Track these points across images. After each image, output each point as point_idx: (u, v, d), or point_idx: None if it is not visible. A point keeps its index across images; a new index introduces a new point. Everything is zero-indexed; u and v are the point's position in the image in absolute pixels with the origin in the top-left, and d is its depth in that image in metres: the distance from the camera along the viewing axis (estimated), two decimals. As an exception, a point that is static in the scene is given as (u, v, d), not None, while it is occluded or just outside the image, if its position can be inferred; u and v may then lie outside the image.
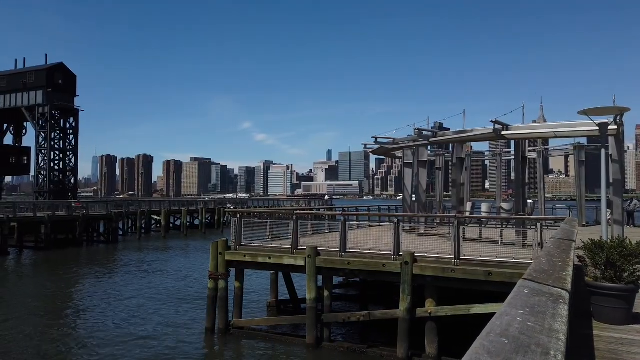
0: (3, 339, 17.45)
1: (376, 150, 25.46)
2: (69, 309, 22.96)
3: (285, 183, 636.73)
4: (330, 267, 15.97)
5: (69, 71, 67.92)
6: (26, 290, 28.45)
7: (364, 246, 16.43)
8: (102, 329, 18.71)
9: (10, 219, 44.57)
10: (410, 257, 14.28)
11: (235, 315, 18.05)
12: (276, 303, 21.79)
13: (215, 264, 18.04)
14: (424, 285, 14.56)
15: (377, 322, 16.35)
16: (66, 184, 66.94)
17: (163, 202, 72.93)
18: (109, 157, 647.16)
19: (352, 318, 16.16)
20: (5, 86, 66.92)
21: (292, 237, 17.21)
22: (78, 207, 53.16)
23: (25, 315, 21.32)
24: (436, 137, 20.91)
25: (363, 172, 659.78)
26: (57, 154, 65.44)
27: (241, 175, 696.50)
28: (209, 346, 17.02)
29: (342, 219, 16.55)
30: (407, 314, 14.29)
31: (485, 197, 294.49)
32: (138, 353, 15.97)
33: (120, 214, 57.64)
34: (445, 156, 28.44)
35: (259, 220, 21.52)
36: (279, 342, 16.80)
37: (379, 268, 14.99)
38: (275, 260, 17.11)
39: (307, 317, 16.09)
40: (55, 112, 64.35)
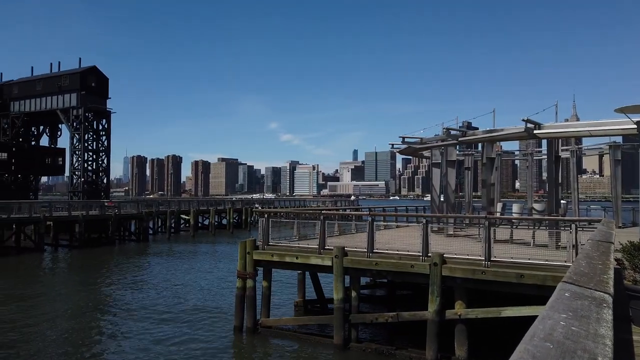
0: (41, 334, 18.05)
1: (404, 150, 25.24)
2: (102, 305, 23.57)
3: (311, 183, 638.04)
4: (358, 267, 15.90)
5: (102, 74, 69.76)
6: (61, 287, 29.38)
7: (391, 247, 16.29)
8: (132, 326, 19.14)
9: (46, 218, 46.15)
10: (439, 258, 14.09)
11: (263, 314, 18.19)
12: (303, 303, 21.84)
13: (243, 263, 18.22)
14: (453, 287, 14.35)
15: (405, 323, 16.19)
16: (99, 184, 68.76)
17: (192, 202, 74.17)
18: (139, 158, 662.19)
19: (380, 319, 16.06)
20: (41, 89, 69.23)
21: (319, 237, 17.22)
22: (110, 207, 54.57)
23: (61, 311, 22.01)
24: (465, 136, 20.58)
25: (389, 172, 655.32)
26: (91, 155, 67.27)
27: (267, 176, 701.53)
28: (238, 344, 17.20)
29: (369, 219, 16.45)
30: (436, 315, 14.10)
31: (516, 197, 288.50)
32: (167, 350, 16.27)
33: (150, 214, 58.88)
34: (475, 156, 27.97)
35: (286, 220, 21.60)
36: (307, 342, 16.84)
37: (407, 269, 14.84)
38: (302, 260, 17.15)
39: (335, 317, 16.07)
40: (89, 114, 66.18)
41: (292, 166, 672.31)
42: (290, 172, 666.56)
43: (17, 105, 71.78)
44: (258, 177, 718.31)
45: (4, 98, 72.66)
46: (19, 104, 71.59)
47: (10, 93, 72.43)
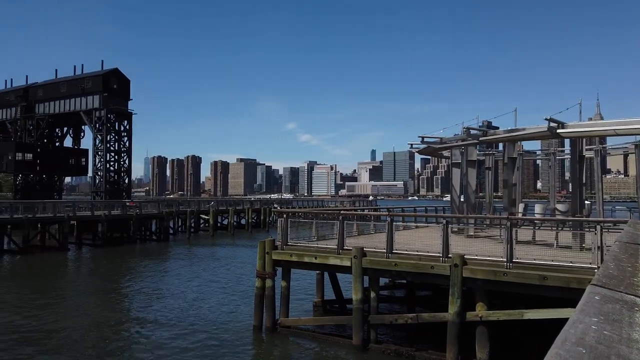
0: (65, 330, 18.43)
1: (423, 150, 25.03)
2: (124, 303, 23.97)
3: (329, 183, 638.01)
4: (377, 268, 15.83)
5: (123, 76, 71.01)
6: (85, 284, 29.96)
7: (411, 247, 16.18)
8: (152, 324, 19.41)
9: (70, 218, 47.14)
10: (459, 260, 13.92)
11: (282, 313, 18.24)
12: (322, 303, 21.83)
13: (262, 263, 18.30)
14: (474, 288, 14.16)
15: (425, 324, 16.06)
16: (121, 184, 70.01)
17: (211, 202, 74.85)
18: (160, 158, 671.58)
19: (400, 320, 15.95)
20: (65, 92, 70.84)
21: (338, 238, 17.19)
22: (132, 207, 55.47)
23: (84, 307, 22.44)
24: (486, 136, 20.30)
25: (408, 172, 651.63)
26: (113, 156, 68.55)
27: (285, 176, 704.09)
28: (257, 344, 17.29)
29: (388, 220, 16.35)
30: (456, 317, 13.94)
31: (537, 197, 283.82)
32: (187, 348, 16.44)
33: (171, 213, 59.64)
34: (495, 155, 27.59)
35: (305, 220, 21.64)
36: (325, 342, 16.83)
37: (427, 270, 14.72)
38: (321, 260, 17.15)
39: (354, 318, 16.02)
40: (111, 116, 67.45)
41: (310, 166, 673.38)
42: (308, 172, 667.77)
43: (41, 107, 73.55)
44: (276, 177, 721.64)
45: (29, 100, 74.53)
46: (43, 106, 73.35)
47: (35, 95, 74.26)
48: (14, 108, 76.16)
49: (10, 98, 76.75)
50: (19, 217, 43.23)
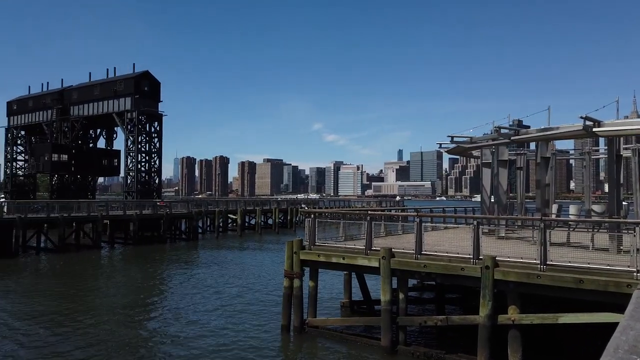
0: (98, 327, 18.94)
1: (452, 150, 24.65)
2: (153, 301, 24.45)
3: (356, 183, 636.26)
4: (406, 269, 15.66)
5: (154, 78, 72.53)
6: (117, 282, 30.75)
7: (440, 248, 15.95)
8: (181, 322, 19.72)
9: (103, 217, 48.48)
10: (491, 261, 13.64)
11: (310, 314, 18.27)
12: (350, 303, 21.78)
13: (290, 262, 18.37)
14: (506, 291, 13.84)
15: (455, 327, 15.82)
16: (151, 184, 71.52)
17: (238, 202, 75.73)
18: (188, 159, 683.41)
19: (429, 322, 15.75)
20: (98, 94, 72.85)
21: (366, 238, 17.09)
22: (162, 206, 56.60)
23: (116, 304, 23.02)
24: (518, 135, 19.83)
25: (435, 172, 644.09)
26: (144, 156, 70.08)
27: (312, 176, 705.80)
28: (285, 344, 17.37)
29: (417, 220, 16.16)
30: (488, 320, 13.66)
31: (570, 198, 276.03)
32: (216, 346, 16.65)
33: (199, 213, 60.59)
34: (527, 155, 26.94)
35: (332, 220, 21.62)
36: (354, 343, 16.78)
37: (457, 272, 14.47)
38: (349, 260, 17.08)
39: (382, 319, 15.90)
40: (142, 117, 68.99)
41: (337, 166, 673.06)
42: (334, 173, 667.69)
43: (76, 110, 75.85)
44: (302, 178, 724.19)
45: (64, 103, 76.98)
46: (78, 108, 75.62)
47: (70, 98, 76.63)
48: (50, 110, 78.77)
49: (46, 101, 79.43)
50: (55, 216, 44.70)
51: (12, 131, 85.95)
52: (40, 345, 16.55)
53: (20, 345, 16.69)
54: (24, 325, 19.17)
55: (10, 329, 18.69)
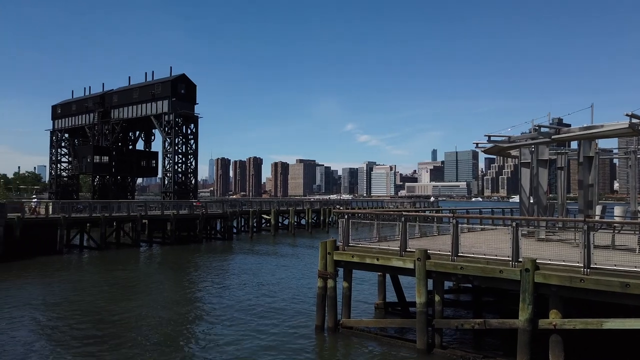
0: (138, 324, 19.49)
1: (489, 150, 24.09)
2: (189, 301, 24.95)
3: (389, 184, 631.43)
4: (442, 271, 15.41)
5: (190, 81, 74.08)
6: (156, 281, 31.56)
7: (477, 250, 15.63)
8: (215, 322, 20.03)
9: (142, 217, 49.89)
10: (531, 264, 13.25)
11: (344, 314, 18.23)
12: (384, 305, 21.62)
13: (324, 263, 18.39)
14: (547, 294, 13.42)
15: (493, 330, 15.45)
16: (188, 184, 73.02)
17: (272, 203, 76.42)
18: (223, 160, 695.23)
19: (466, 325, 15.43)
20: (137, 97, 75.02)
21: (400, 239, 16.91)
22: (198, 207, 57.71)
23: (154, 303, 23.64)
24: (559, 134, 19.20)
25: (471, 173, 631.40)
26: (180, 158, 71.64)
27: (344, 176, 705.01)
28: (319, 344, 17.38)
29: (453, 221, 15.87)
30: (528, 324, 13.27)
31: (614, 199, 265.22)
32: (250, 345, 16.83)
33: (234, 213, 61.50)
34: (569, 154, 26.04)
35: (366, 221, 21.49)
36: (388, 345, 16.63)
37: (495, 274, 14.13)
38: (383, 261, 16.95)
39: (418, 321, 15.70)
40: (179, 119, 70.55)
41: (369, 167, 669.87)
42: (367, 173, 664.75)
43: (116, 113, 78.35)
44: (335, 178, 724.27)
45: (105, 106, 79.66)
46: (118, 111, 78.10)
47: (111, 101, 79.24)
48: (92, 114, 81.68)
49: (88, 104, 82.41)
50: (96, 216, 46.35)
51: (57, 134, 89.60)
52: (83, 340, 17.17)
53: (62, 340, 17.36)
54: (67, 321, 19.93)
55: (54, 325, 19.48)
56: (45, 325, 19.35)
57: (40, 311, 21.67)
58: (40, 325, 19.41)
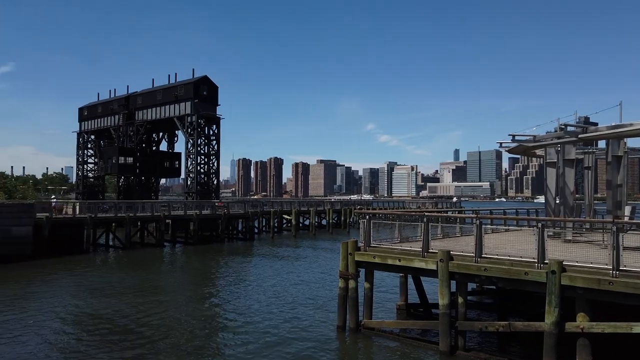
0: (163, 321, 19.80)
1: (514, 149, 23.68)
2: (211, 300, 25.24)
3: (410, 184, 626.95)
4: (465, 272, 15.22)
5: (212, 83, 74.93)
6: (178, 279, 32.04)
7: (501, 251, 15.39)
8: (236, 322, 20.16)
9: (165, 217, 50.67)
10: (557, 266, 12.98)
11: (365, 315, 18.18)
12: (406, 306, 21.47)
13: (345, 263, 18.37)
14: (574, 297, 13.12)
15: (517, 333, 15.19)
16: (210, 185, 73.86)
17: (293, 203, 76.67)
18: (244, 161, 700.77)
19: (490, 328, 15.20)
20: (160, 99, 76.23)
21: (423, 240, 16.76)
22: (220, 207, 58.31)
23: (177, 301, 23.98)
24: (586, 132, 18.75)
25: (495, 173, 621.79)
26: (203, 158, 72.51)
27: (365, 177, 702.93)
28: (341, 344, 17.36)
29: (476, 222, 15.66)
30: (554, 327, 13.00)
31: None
32: (272, 346, 16.91)
33: (255, 214, 61.92)
34: (596, 154, 25.39)
35: (388, 221, 21.36)
36: (410, 346, 16.51)
37: (520, 276, 13.88)
38: (405, 262, 16.83)
39: (440, 323, 15.54)
40: (201, 121, 71.42)
41: (390, 167, 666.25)
42: (388, 173, 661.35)
43: (140, 114, 79.74)
44: (356, 179, 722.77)
45: (130, 108, 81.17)
46: (142, 113, 79.47)
47: (135, 103, 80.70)
48: (117, 115, 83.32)
49: (114, 107, 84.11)
50: (122, 216, 47.29)
51: (83, 135, 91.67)
52: (108, 337, 17.53)
53: (87, 337, 17.76)
54: (93, 319, 20.38)
55: (80, 321, 19.94)
56: (72, 321, 19.82)
57: (68, 308, 22.21)
58: (67, 321, 19.89)
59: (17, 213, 39.13)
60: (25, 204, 42.69)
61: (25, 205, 41.36)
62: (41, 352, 15.94)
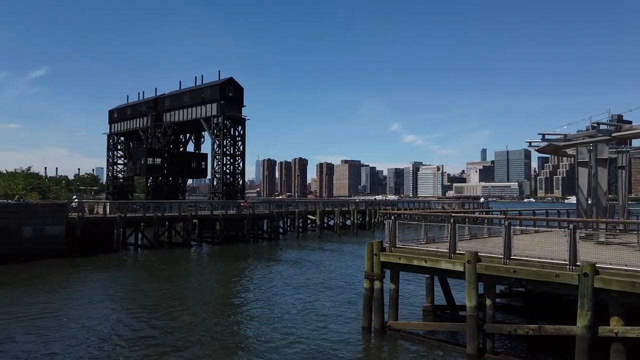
0: (190, 319, 20.11)
1: (543, 149, 23.14)
2: (239, 299, 25.50)
3: (436, 184, 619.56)
4: (493, 274, 14.95)
5: (238, 84, 75.75)
6: (207, 278, 32.47)
7: (531, 253, 15.06)
8: (262, 321, 20.29)
9: (192, 217, 51.46)
10: (590, 268, 12.62)
11: (391, 316, 18.06)
12: (432, 308, 21.23)
13: (370, 264, 18.29)
14: (608, 300, 12.73)
15: (547, 337, 14.83)
16: (235, 185, 74.66)
17: (317, 203, 76.79)
18: (269, 161, 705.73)
19: (519, 331, 14.88)
20: (187, 101, 77.51)
21: (450, 241, 16.55)
22: (245, 207, 58.86)
23: (203, 301, 24.32)
24: (620, 131, 18.17)
25: (523, 173, 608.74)
26: (228, 159, 73.36)
27: (390, 177, 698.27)
28: (366, 346, 17.29)
29: (505, 223, 15.36)
30: (586, 331, 12.64)
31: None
32: (297, 346, 16.96)
33: (280, 214, 62.26)
34: (630, 153, 24.59)
35: (414, 222, 21.18)
36: (437, 349, 16.32)
37: (550, 278, 13.56)
38: (431, 264, 16.66)
39: (468, 325, 15.30)
40: (227, 122, 72.28)
41: (416, 167, 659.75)
42: (413, 173, 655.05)
43: (168, 116, 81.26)
44: (380, 179, 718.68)
45: (158, 110, 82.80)
46: (170, 115, 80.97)
47: (163, 105, 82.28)
48: (145, 117, 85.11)
49: (142, 109, 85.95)
50: (150, 216, 48.26)
51: (113, 137, 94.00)
52: (136, 334, 17.91)
53: (119, 333, 18.19)
54: (124, 316, 20.87)
55: (110, 318, 20.43)
56: (103, 318, 20.32)
57: (98, 305, 22.80)
58: (97, 318, 20.41)
59: (51, 213, 40.42)
60: (58, 204, 44.07)
61: (58, 205, 42.69)
62: (72, 347, 16.40)
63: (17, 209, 39.56)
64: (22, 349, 16.24)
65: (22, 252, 37.06)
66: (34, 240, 38.58)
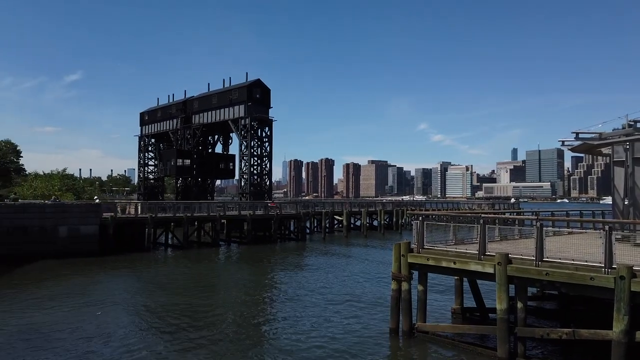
0: (216, 319, 20.40)
1: (577, 148, 22.49)
2: (267, 299, 25.69)
3: (465, 185, 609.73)
4: (524, 276, 14.61)
5: (265, 86, 76.40)
6: (235, 278, 32.86)
7: (564, 255, 14.64)
8: (289, 322, 20.40)
9: (221, 217, 52.17)
10: (627, 271, 12.19)
11: (419, 318, 17.86)
12: (461, 310, 20.91)
13: (398, 265, 18.13)
14: (646, 305, 12.28)
15: (581, 342, 14.39)
16: (263, 186, 75.30)
17: (344, 204, 76.66)
18: (296, 162, 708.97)
19: (552, 335, 14.50)
20: (216, 103, 78.65)
21: (479, 242, 16.26)
22: (273, 207, 59.26)
23: (232, 299, 24.62)
24: (658, 129, 17.50)
25: (556, 172, 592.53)
26: (256, 160, 74.07)
27: (417, 177, 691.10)
28: (394, 347, 17.16)
29: (537, 224, 14.99)
30: (623, 336, 12.22)
31: None
32: (324, 347, 16.97)
33: (307, 214, 62.44)
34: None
35: (442, 223, 20.89)
36: (466, 352, 16.06)
37: (584, 281, 13.15)
38: (460, 265, 16.40)
39: (498, 328, 15.00)
40: (254, 123, 72.99)
41: (444, 167, 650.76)
42: (441, 173, 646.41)
43: (197, 118, 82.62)
44: (408, 179, 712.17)
45: (187, 112, 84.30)
46: (198, 117, 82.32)
47: (192, 108, 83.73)
48: (175, 119, 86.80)
49: (172, 111, 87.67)
50: (180, 216, 49.16)
51: (144, 139, 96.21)
52: (165, 329, 18.27)
53: (149, 329, 18.59)
54: (156, 313, 21.32)
55: (139, 312, 20.91)
56: (136, 315, 20.83)
57: (131, 301, 23.38)
58: (130, 313, 20.94)
59: (85, 213, 41.67)
60: (93, 204, 45.39)
61: (93, 206, 43.97)
62: (108, 340, 16.87)
63: (53, 209, 40.93)
64: (59, 337, 16.80)
65: (57, 251, 38.35)
66: (69, 240, 39.86)
